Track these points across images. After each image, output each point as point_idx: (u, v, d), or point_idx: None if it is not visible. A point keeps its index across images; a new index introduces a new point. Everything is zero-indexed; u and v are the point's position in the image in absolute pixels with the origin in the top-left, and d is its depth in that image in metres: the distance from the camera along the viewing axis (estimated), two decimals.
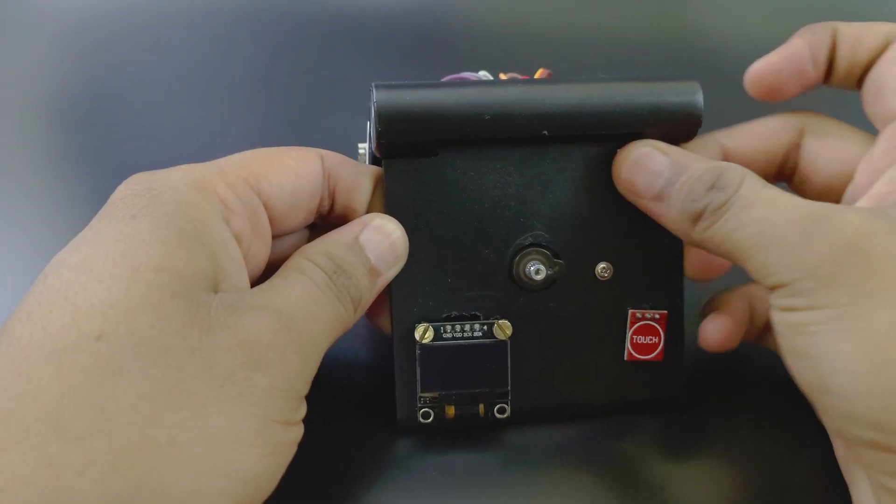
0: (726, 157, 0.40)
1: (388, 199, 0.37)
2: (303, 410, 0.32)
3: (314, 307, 0.32)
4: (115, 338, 0.27)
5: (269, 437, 0.29)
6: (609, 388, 0.39)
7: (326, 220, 0.39)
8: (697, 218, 0.34)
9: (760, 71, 0.39)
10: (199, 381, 0.28)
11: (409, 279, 0.38)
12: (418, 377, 0.37)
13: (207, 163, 0.35)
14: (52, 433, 0.26)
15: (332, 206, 0.38)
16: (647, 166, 0.36)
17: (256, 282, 0.35)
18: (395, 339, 0.38)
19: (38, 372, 0.27)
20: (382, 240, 0.36)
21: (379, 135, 0.35)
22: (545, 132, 0.36)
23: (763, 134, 0.40)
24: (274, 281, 0.33)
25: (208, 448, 0.27)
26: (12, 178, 0.62)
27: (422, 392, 0.38)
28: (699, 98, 0.37)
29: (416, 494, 0.36)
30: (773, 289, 0.32)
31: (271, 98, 0.67)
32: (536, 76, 0.41)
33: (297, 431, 0.32)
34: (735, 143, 0.40)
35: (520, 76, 0.42)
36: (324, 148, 0.39)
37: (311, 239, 0.39)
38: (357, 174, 0.38)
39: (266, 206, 0.35)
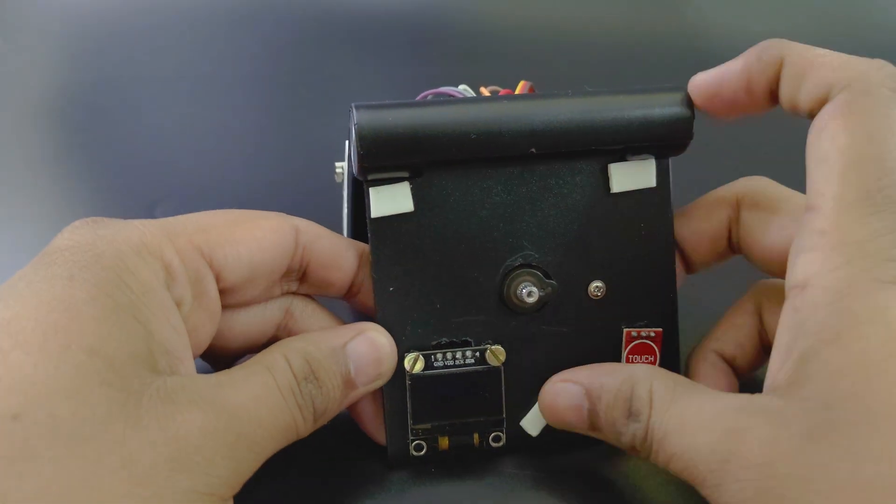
0: (679, 243, 0.39)
1: (372, 225, 0.36)
2: None
3: (265, 412, 0.30)
4: (32, 420, 0.26)
5: None
6: None
7: (299, 290, 0.38)
8: (635, 451, 0.33)
9: (700, 85, 0.36)
10: (115, 477, 0.26)
11: (396, 306, 0.36)
12: (409, 409, 0.36)
13: (164, 220, 0.33)
14: None
15: (303, 278, 0.37)
16: (564, 403, 0.35)
17: (203, 355, 0.34)
18: None
19: None
20: (369, 353, 0.35)
21: (361, 158, 0.34)
22: (533, 150, 0.35)
23: (703, 215, 0.39)
24: (235, 372, 0.31)
25: None
26: (13, 176, 0.61)
27: (414, 424, 0.36)
28: (688, 109, 0.36)
29: None
30: None
31: (271, 98, 0.66)
32: (518, 90, 0.40)
33: None
34: (682, 227, 0.39)
35: (500, 90, 0.41)
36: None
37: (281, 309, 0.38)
38: (335, 251, 0.37)
39: (218, 277, 0.34)
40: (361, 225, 0.39)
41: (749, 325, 0.38)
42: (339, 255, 0.37)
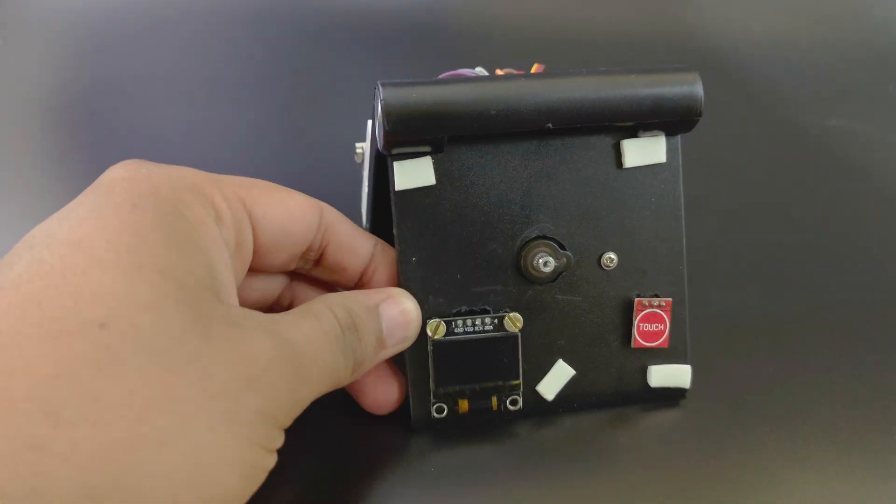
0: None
1: (396, 198, 0.37)
2: (281, 440, 0.31)
3: (318, 352, 0.32)
4: (117, 329, 0.26)
5: (249, 459, 0.28)
6: (618, 377, 0.40)
7: (311, 272, 0.40)
8: None
9: None
10: (193, 389, 0.27)
11: (418, 275, 0.38)
12: (432, 373, 0.38)
13: (208, 173, 0.35)
14: (42, 415, 0.24)
15: (319, 260, 0.39)
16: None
17: None
18: None
19: (32, 350, 0.25)
20: (399, 316, 0.36)
21: (386, 133, 0.36)
22: (549, 125, 0.37)
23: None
24: (288, 315, 0.32)
25: (190, 459, 0.26)
26: (13, 176, 0.61)
27: (436, 388, 0.38)
28: (699, 89, 0.37)
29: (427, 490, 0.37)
30: None
31: (271, 98, 0.66)
32: (532, 72, 0.42)
33: (273, 459, 0.31)
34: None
35: (515, 72, 0.42)
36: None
37: (286, 287, 0.40)
38: (353, 237, 0.39)
39: (256, 232, 0.35)
40: (382, 202, 0.41)
41: None
42: (356, 240, 0.39)
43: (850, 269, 0.54)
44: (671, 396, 0.41)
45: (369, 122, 0.43)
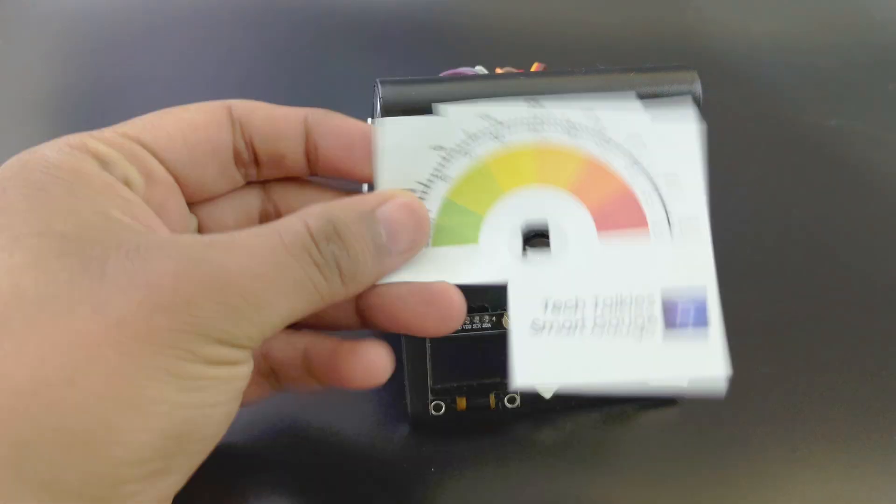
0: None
1: None
2: (234, 354, 0.29)
3: (264, 267, 0.29)
4: (0, 297, 0.27)
5: (182, 371, 0.27)
6: None
7: (263, 178, 0.37)
8: None
9: None
10: (90, 323, 0.26)
11: None
12: (429, 370, 0.38)
13: (87, 132, 0.33)
14: None
15: (258, 160, 0.37)
16: None
17: None
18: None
19: None
20: (401, 217, 0.33)
21: None
22: None
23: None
24: (237, 233, 0.30)
25: (109, 383, 0.26)
26: None
27: (433, 384, 0.38)
28: (697, 88, 0.37)
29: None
30: None
31: (272, 96, 0.66)
32: (532, 70, 0.42)
33: (231, 370, 0.29)
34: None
35: (515, 70, 0.43)
36: None
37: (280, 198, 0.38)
38: (272, 117, 0.36)
39: (158, 157, 0.34)
40: None
41: None
42: (278, 120, 0.36)
43: (850, 269, 0.54)
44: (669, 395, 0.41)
45: (369, 121, 0.44)
